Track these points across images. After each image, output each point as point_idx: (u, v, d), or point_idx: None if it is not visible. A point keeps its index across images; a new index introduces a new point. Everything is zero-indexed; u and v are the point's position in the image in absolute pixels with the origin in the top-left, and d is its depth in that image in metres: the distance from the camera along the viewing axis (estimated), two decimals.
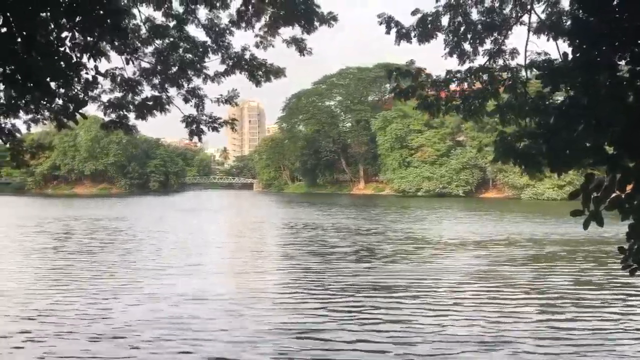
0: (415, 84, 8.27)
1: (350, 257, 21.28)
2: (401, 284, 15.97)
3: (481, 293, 14.97)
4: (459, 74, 8.33)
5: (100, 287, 15.26)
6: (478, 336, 10.78)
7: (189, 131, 10.16)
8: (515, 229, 32.84)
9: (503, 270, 18.33)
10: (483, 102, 8.11)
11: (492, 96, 8.02)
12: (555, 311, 12.98)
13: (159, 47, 10.08)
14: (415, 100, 8.40)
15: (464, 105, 8.16)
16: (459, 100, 8.22)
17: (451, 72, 8.38)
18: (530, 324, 11.76)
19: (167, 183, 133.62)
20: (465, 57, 9.02)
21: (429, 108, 8.22)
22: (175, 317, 11.99)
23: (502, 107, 7.58)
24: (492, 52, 8.96)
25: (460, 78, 8.29)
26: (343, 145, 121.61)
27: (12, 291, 14.64)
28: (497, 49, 8.97)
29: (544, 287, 15.65)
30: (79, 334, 10.76)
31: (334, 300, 13.87)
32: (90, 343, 10.18)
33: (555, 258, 21.33)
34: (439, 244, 26.08)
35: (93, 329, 11.09)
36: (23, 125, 9.61)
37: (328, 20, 9.87)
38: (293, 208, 59.37)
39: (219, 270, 18.94)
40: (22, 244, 25.68)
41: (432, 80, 8.42)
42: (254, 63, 10.36)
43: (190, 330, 11.08)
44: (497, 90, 8.04)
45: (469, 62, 8.94)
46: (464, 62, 8.97)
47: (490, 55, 8.94)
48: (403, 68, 8.63)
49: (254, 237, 30.66)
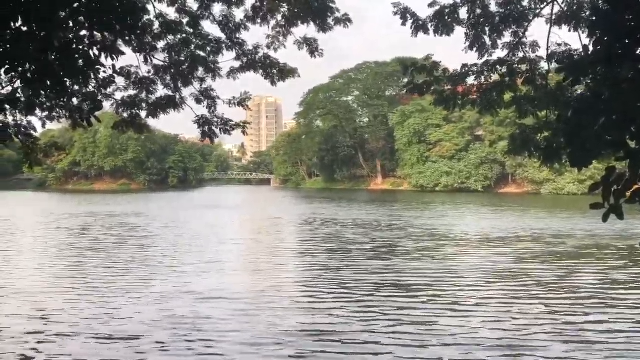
0: (431, 78, 8.18)
1: (370, 254, 20.93)
2: (423, 282, 15.55)
3: (507, 292, 14.37)
4: (475, 67, 8.23)
5: (115, 286, 15.02)
6: (505, 340, 10.22)
7: (201, 132, 10.19)
8: (540, 225, 32.16)
9: (529, 268, 17.75)
10: (500, 94, 7.99)
11: (509, 89, 7.91)
12: (585, 312, 12.33)
13: (171, 42, 10.11)
14: (431, 95, 8.32)
15: (481, 98, 8.05)
16: (476, 94, 8.11)
17: (467, 65, 8.27)
18: (560, 327, 11.12)
19: (186, 179, 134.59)
20: (484, 50, 8.90)
21: (446, 103, 8.13)
22: (190, 317, 11.64)
23: (518, 99, 7.48)
24: (512, 45, 8.82)
25: (477, 71, 8.18)
26: (360, 141, 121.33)
27: (26, 290, 14.49)
28: (517, 42, 8.82)
29: (572, 286, 15.09)
30: (88, 335, 10.45)
31: (354, 300, 13.42)
32: (101, 344, 9.93)
33: (582, 255, 20.71)
34: (462, 240, 25.55)
35: (104, 329, 10.79)
36: (39, 122, 9.71)
37: (343, 21, 9.87)
38: (312, 204, 59.19)
39: (235, 268, 18.55)
40: (36, 241, 25.93)
41: (449, 74, 8.31)
42: (267, 62, 10.38)
43: (203, 330, 10.75)
44: (515, 83, 7.92)
45: (487, 56, 8.83)
46: (483, 55, 8.85)
47: (510, 48, 8.80)
48: (419, 63, 8.54)
49: (272, 233, 30.55)
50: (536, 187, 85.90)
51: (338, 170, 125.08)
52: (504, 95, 8.02)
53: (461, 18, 9.18)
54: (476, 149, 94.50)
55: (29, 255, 21.25)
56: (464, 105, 8.21)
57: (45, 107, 8.65)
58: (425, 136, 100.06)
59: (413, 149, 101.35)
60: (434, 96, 8.21)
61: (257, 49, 10.43)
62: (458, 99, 8.13)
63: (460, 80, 8.26)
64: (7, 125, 8.95)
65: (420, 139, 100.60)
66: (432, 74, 8.22)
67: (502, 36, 8.94)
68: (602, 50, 4.61)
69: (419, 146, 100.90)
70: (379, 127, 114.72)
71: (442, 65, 8.63)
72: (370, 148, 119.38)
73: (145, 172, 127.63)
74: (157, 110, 10.12)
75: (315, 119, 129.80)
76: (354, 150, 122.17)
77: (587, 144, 4.73)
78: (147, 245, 24.07)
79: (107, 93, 9.52)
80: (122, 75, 9.78)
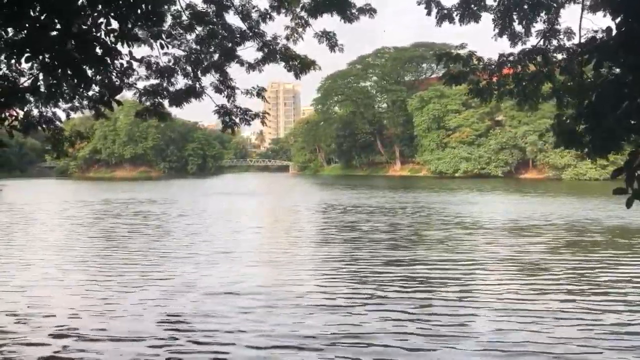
0: (467, 68, 7.90)
1: (395, 244, 19.87)
2: (453, 276, 14.28)
3: (544, 288, 12.86)
4: (511, 56, 7.94)
5: (122, 278, 14.20)
6: (544, 345, 8.87)
7: (222, 122, 10.20)
8: (571, 212, 30.99)
9: (566, 260, 16.37)
10: (538, 85, 7.70)
11: (547, 79, 7.60)
12: (633, 310, 10.87)
13: (199, 33, 10.14)
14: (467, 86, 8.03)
15: (518, 89, 7.77)
16: (512, 84, 7.83)
17: (504, 54, 8.00)
18: (607, 331, 9.63)
19: (205, 166, 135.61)
20: (516, 38, 8.63)
21: (481, 94, 7.86)
22: (198, 315, 10.75)
23: (558, 89, 7.21)
24: (546, 32, 8.53)
25: (514, 61, 7.89)
26: (379, 127, 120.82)
27: (33, 282, 13.81)
28: (551, 29, 8.53)
29: (615, 282, 13.50)
30: (94, 331, 9.72)
31: (379, 295, 12.26)
32: (105, 343, 9.17)
33: (623, 245, 19.27)
34: (491, 229, 24.22)
35: (101, 325, 10.06)
36: (62, 113, 9.81)
37: (367, 11, 9.83)
38: (331, 190, 58.88)
39: (252, 259, 17.22)
40: (52, 229, 25.77)
41: (484, 64, 8.04)
42: (288, 53, 10.36)
43: (219, 331, 9.75)
44: (553, 72, 7.61)
45: (521, 44, 8.55)
46: (515, 43, 8.57)
47: (543, 35, 8.51)
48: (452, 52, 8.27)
49: (291, 221, 29.91)
50: (557, 172, 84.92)
51: (356, 157, 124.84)
52: (541, 86, 7.71)
53: (487, 4, 8.94)
54: (496, 134, 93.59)
55: (42, 243, 20.83)
56: (501, 97, 7.94)
57: (66, 97, 8.71)
58: (445, 122, 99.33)
59: (432, 135, 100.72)
60: (469, 86, 7.93)
61: (275, 39, 10.40)
62: (494, 89, 7.89)
63: (496, 70, 7.98)
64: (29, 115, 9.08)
65: (440, 124, 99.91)
66: (468, 63, 7.91)
67: (534, 22, 8.61)
68: (626, 34, 4.45)
69: (438, 132, 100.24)
70: (398, 113, 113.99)
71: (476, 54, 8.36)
72: (389, 134, 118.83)
73: (165, 159, 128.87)
74: (179, 98, 10.14)
75: (333, 105, 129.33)
76: (372, 137, 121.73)
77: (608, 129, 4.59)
78: (162, 233, 23.76)
79: (129, 82, 9.56)
80: (141, 63, 9.81)
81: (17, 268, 15.92)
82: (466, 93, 8.18)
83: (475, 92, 7.87)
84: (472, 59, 7.99)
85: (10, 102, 7.09)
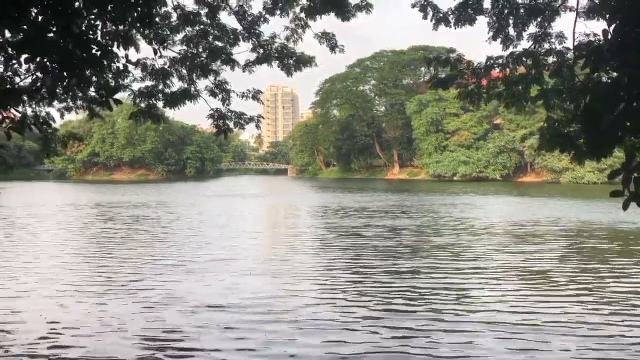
0: (455, 72, 7.98)
1: (399, 252, 18.51)
2: (460, 287, 13.29)
3: (554, 300, 11.81)
4: (500, 59, 8.01)
5: (107, 287, 13.39)
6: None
7: (215, 126, 10.16)
8: (578, 216, 30.26)
9: (578, 268, 15.39)
10: (527, 87, 7.77)
11: (536, 81, 7.66)
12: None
13: (188, 34, 10.13)
14: (454, 89, 8.14)
15: (507, 92, 7.84)
16: (501, 87, 7.90)
17: (492, 58, 8.06)
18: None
19: (203, 169, 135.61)
20: (509, 41, 8.70)
21: (470, 97, 7.94)
22: (185, 332, 9.75)
23: (546, 92, 7.27)
24: (538, 36, 8.59)
25: (502, 64, 7.96)
26: (377, 130, 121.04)
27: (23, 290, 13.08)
28: (543, 33, 8.59)
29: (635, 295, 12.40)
30: (67, 349, 8.91)
31: (379, 310, 11.19)
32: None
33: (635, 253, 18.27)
34: (496, 234, 23.16)
35: (85, 345, 9.07)
36: (57, 113, 9.80)
37: (364, 7, 9.81)
38: (330, 193, 58.60)
39: (245, 267, 15.78)
40: (37, 235, 24.94)
41: (472, 68, 8.10)
42: (284, 52, 10.34)
43: (204, 349, 8.79)
44: (541, 74, 7.68)
45: (512, 47, 8.63)
46: (507, 46, 8.65)
47: (535, 39, 8.58)
48: (441, 55, 8.33)
49: (289, 226, 29.20)
50: (555, 175, 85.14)
51: (355, 160, 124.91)
52: (530, 89, 7.79)
53: (484, 7, 9.00)
54: (494, 138, 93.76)
55: (34, 249, 19.85)
56: (490, 99, 8.01)
57: (62, 97, 8.72)
58: (443, 125, 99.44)
59: (430, 138, 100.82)
60: (458, 90, 8.02)
61: (273, 39, 10.40)
62: (483, 92, 7.95)
63: (484, 74, 8.04)
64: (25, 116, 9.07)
65: (438, 127, 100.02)
66: (456, 67, 7.98)
67: (527, 27, 8.73)
68: (622, 36, 4.49)
69: (436, 135, 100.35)
70: (396, 116, 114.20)
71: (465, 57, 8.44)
72: (387, 137, 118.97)
73: (163, 162, 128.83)
74: (174, 101, 10.16)
75: (331, 108, 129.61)
76: (370, 140, 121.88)
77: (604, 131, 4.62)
78: (154, 239, 22.99)
79: (124, 84, 9.58)
80: (137, 65, 9.84)
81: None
82: (456, 96, 8.28)
83: (464, 95, 7.95)
84: (461, 62, 8.07)
85: (7, 103, 7.11)
